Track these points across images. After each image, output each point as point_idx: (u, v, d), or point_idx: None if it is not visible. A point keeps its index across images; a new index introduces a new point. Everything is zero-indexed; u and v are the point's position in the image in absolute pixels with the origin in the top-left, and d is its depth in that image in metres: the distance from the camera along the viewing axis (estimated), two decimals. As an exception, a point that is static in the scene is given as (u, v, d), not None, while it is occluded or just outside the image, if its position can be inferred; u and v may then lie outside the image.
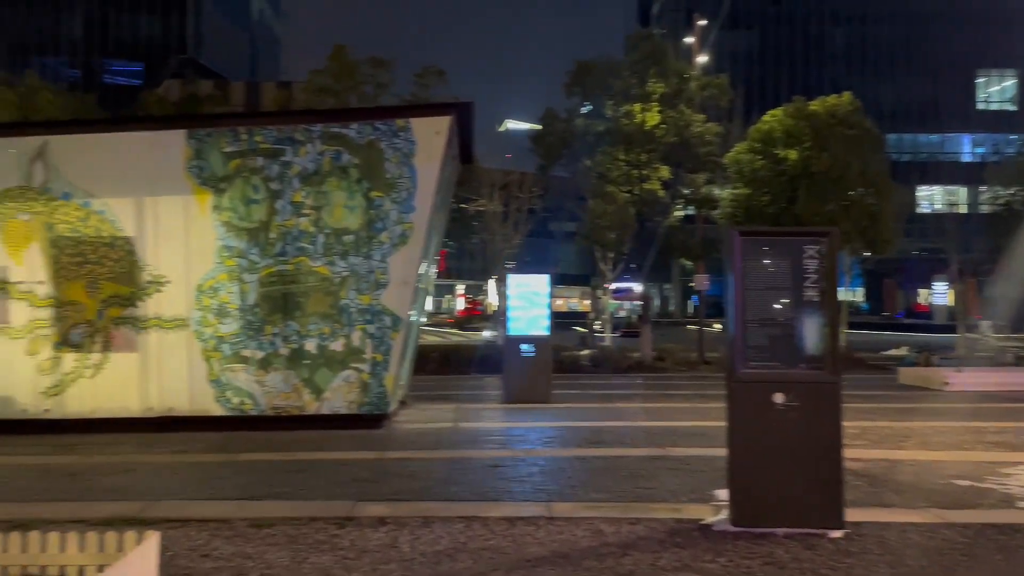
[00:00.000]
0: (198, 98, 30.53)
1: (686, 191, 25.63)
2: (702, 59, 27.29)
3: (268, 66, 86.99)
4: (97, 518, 5.82)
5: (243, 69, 79.33)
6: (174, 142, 10.43)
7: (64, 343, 10.45)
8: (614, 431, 10.50)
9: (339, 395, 10.55)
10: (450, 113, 11.08)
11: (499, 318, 28.36)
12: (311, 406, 10.59)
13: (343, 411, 10.55)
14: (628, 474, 7.65)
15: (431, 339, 28.98)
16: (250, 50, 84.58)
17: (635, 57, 25.06)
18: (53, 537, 4.57)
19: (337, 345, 10.52)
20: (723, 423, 5.94)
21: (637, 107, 24.20)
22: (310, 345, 10.55)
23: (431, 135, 10.63)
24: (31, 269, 10.41)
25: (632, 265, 31.68)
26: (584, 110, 27.45)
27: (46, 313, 10.42)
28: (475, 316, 57.02)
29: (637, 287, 43.00)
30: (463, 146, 13.05)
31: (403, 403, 12.83)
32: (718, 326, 32.07)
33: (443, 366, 19.86)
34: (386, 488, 7.05)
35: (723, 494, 6.05)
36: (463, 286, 70.50)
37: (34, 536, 4.58)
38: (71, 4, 72.69)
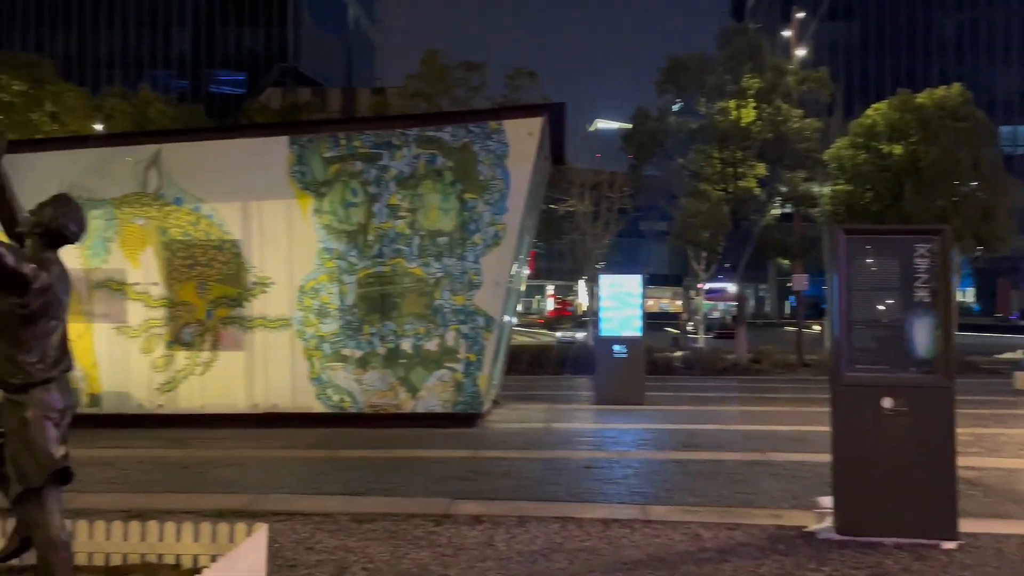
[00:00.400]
0: (298, 106, 31.55)
1: (783, 189, 24.92)
2: (800, 52, 26.50)
3: (363, 72, 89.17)
4: (209, 510, 6.09)
5: (340, 76, 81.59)
6: (277, 148, 10.82)
7: (176, 342, 10.97)
8: (710, 434, 10.31)
9: (434, 394, 10.72)
10: (542, 114, 11.11)
11: (589, 319, 28.27)
12: (407, 404, 10.79)
13: (438, 410, 10.72)
14: (726, 478, 7.50)
15: (522, 340, 29.13)
16: (346, 57, 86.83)
17: (729, 52, 24.53)
18: (169, 527, 4.82)
19: (432, 345, 10.69)
20: (826, 428, 5.75)
21: (732, 103, 23.68)
22: (406, 345, 10.77)
23: (523, 137, 10.69)
24: (146, 271, 10.97)
25: (726, 265, 31.03)
26: (676, 108, 27.06)
27: (160, 313, 10.96)
28: (565, 317, 56.99)
29: (731, 287, 42.09)
30: (555, 147, 13.07)
31: (495, 403, 12.94)
32: (817, 328, 31.07)
33: (534, 366, 19.92)
34: (481, 487, 7.12)
35: (827, 501, 5.86)
36: (553, 287, 70.54)
37: (152, 526, 4.84)
38: (181, 20, 76.26)
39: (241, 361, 10.97)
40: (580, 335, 33.30)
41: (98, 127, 27.00)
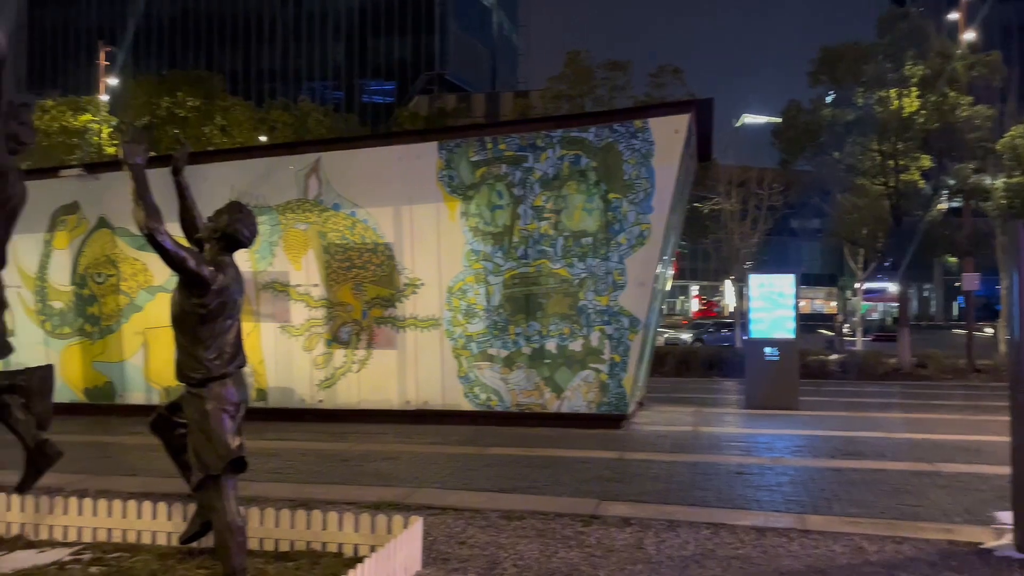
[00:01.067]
0: (445, 111, 32.41)
1: (951, 181, 23.23)
2: (969, 36, 24.65)
3: (507, 76, 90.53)
4: (366, 501, 6.36)
5: (484, 81, 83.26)
6: (427, 154, 11.16)
7: (335, 340, 11.53)
8: (872, 442, 9.76)
9: (579, 394, 10.73)
10: (689, 111, 10.89)
11: (738, 320, 27.42)
12: (552, 404, 10.86)
13: (582, 410, 10.73)
14: (890, 489, 7.08)
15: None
16: (491, 62, 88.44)
17: (890, 39, 23.14)
18: (332, 517, 5.07)
19: (576, 345, 10.71)
20: (1003, 438, 5.32)
21: (893, 92, 22.33)
22: (551, 345, 10.83)
23: (669, 134, 10.52)
24: (307, 273, 11.59)
25: (886, 263, 29.31)
26: (830, 99, 25.81)
27: (320, 313, 11.56)
28: (710, 318, 55.61)
29: (892, 287, 39.70)
30: (701, 144, 12.79)
31: (640, 404, 12.80)
32: (990, 330, 28.79)
33: (680, 368, 19.55)
34: (629, 488, 7.06)
35: (1006, 517, 5.42)
36: (697, 287, 68.97)
37: (316, 515, 5.10)
38: (336, 33, 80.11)
39: (394, 359, 11.39)
40: (685, 336, 32.34)
41: (263, 138, 28.82)
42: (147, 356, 12.08)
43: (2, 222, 4.80)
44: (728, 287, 47.97)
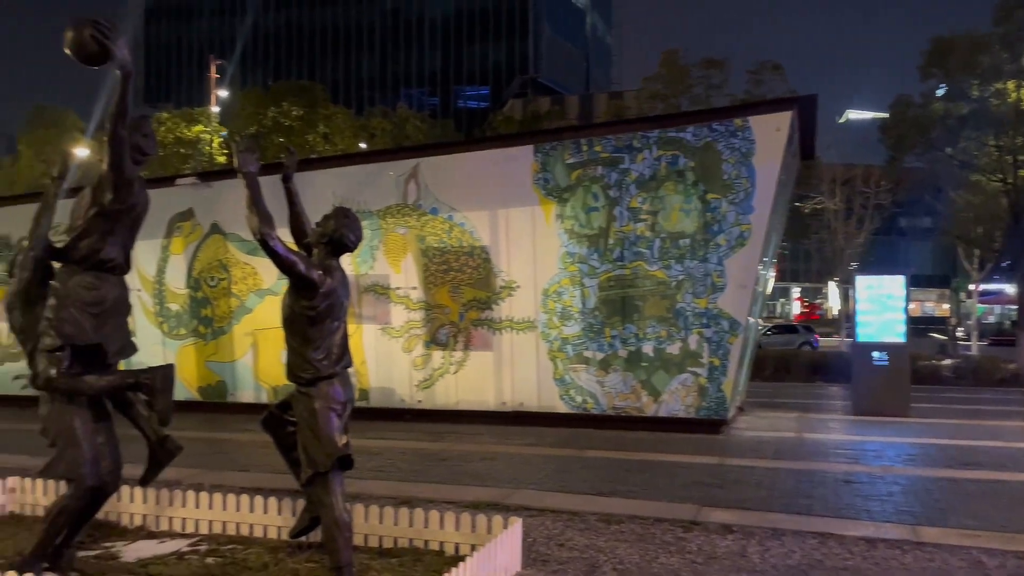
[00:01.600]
0: (538, 114, 32.53)
1: (1077, 176, 21.82)
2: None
3: (600, 78, 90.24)
4: (465, 501, 6.45)
5: (578, 83, 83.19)
6: (523, 157, 11.23)
7: (433, 342, 11.73)
8: (991, 452, 9.26)
9: (676, 398, 10.58)
10: (791, 108, 10.59)
11: (842, 323, 26.45)
12: (649, 408, 10.74)
13: (680, 414, 10.57)
14: (1011, 501, 6.71)
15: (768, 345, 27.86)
16: (584, 64, 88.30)
17: (1007, 28, 21.93)
18: (433, 515, 5.16)
19: (674, 348, 10.56)
20: None
21: (1011, 84, 21.17)
22: (647, 348, 10.72)
23: (771, 133, 10.25)
24: (406, 276, 11.83)
25: (1003, 263, 27.75)
26: (940, 92, 24.65)
27: (418, 315, 11.78)
28: (812, 320, 53.81)
29: (1010, 289, 37.53)
30: (804, 142, 12.42)
31: (740, 409, 12.52)
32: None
33: (781, 372, 19.01)
34: (730, 495, 6.91)
35: None
36: (799, 289, 66.94)
37: (418, 513, 5.21)
38: (432, 40, 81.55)
39: (490, 361, 11.50)
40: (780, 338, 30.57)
41: (363, 145, 29.60)
42: (256, 356, 12.59)
43: (127, 229, 5.07)
44: (832, 289, 46.42)
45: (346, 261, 11.12)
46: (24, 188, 32.49)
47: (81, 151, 25.78)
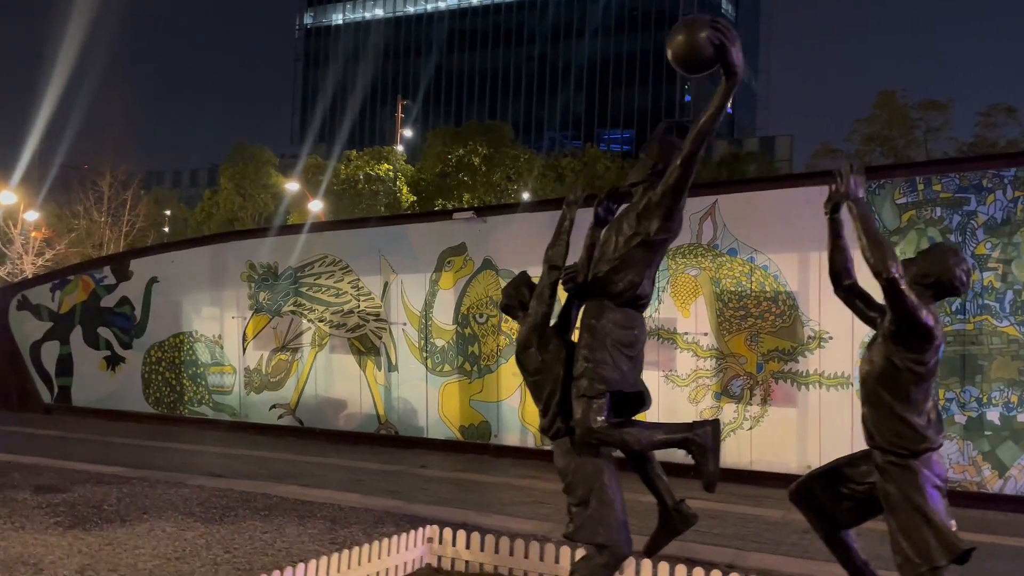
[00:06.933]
0: (737, 156, 31.52)
1: None
2: None
3: (745, 122, 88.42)
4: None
5: (722, 127, 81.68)
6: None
7: (724, 394, 10.80)
8: None
9: None
10: None
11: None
12: (992, 483, 9.42)
13: (1034, 494, 9.20)
14: None
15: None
16: (730, 108, 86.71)
17: None
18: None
19: (1025, 417, 9.25)
20: None
21: None
22: (992, 415, 9.44)
23: None
24: (696, 321, 10.99)
25: None
26: None
27: (709, 363, 10.90)
28: None
29: None
30: None
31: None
32: None
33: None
34: None
35: None
36: None
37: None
38: (577, 84, 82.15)
39: (793, 418, 10.46)
40: None
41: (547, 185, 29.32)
42: (523, 398, 11.99)
43: (658, 261, 4.47)
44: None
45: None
46: (222, 220, 34.20)
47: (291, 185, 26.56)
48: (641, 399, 4.44)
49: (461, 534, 5.67)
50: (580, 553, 5.03)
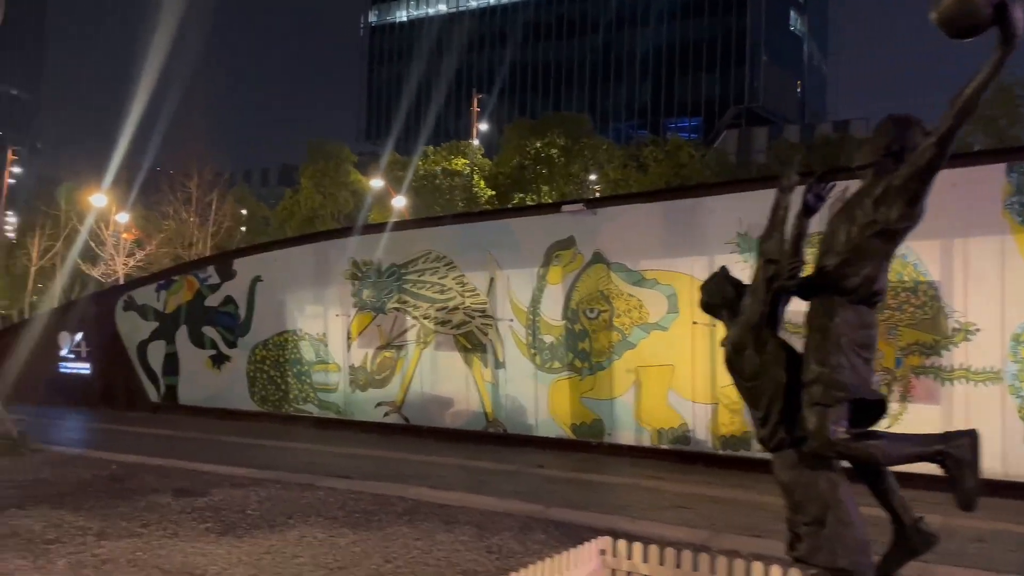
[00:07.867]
0: (827, 139, 30.48)
1: None
2: None
3: (816, 106, 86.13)
4: None
5: (791, 112, 79.63)
6: (990, 178, 9.61)
7: (859, 390, 10.24)
8: None
9: None
10: None
11: None
12: None
13: None
14: None
15: None
16: (799, 93, 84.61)
17: None
18: None
19: None
20: None
21: None
22: None
23: None
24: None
25: None
26: None
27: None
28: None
29: None
30: None
31: None
32: None
33: None
34: None
35: None
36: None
37: None
38: (643, 72, 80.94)
39: (936, 416, 9.82)
40: None
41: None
42: (638, 395, 11.60)
43: (894, 250, 4.07)
44: None
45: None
46: (301, 219, 34.61)
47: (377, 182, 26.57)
48: (882, 406, 4.04)
49: (637, 547, 5.33)
50: (778, 570, 4.66)
